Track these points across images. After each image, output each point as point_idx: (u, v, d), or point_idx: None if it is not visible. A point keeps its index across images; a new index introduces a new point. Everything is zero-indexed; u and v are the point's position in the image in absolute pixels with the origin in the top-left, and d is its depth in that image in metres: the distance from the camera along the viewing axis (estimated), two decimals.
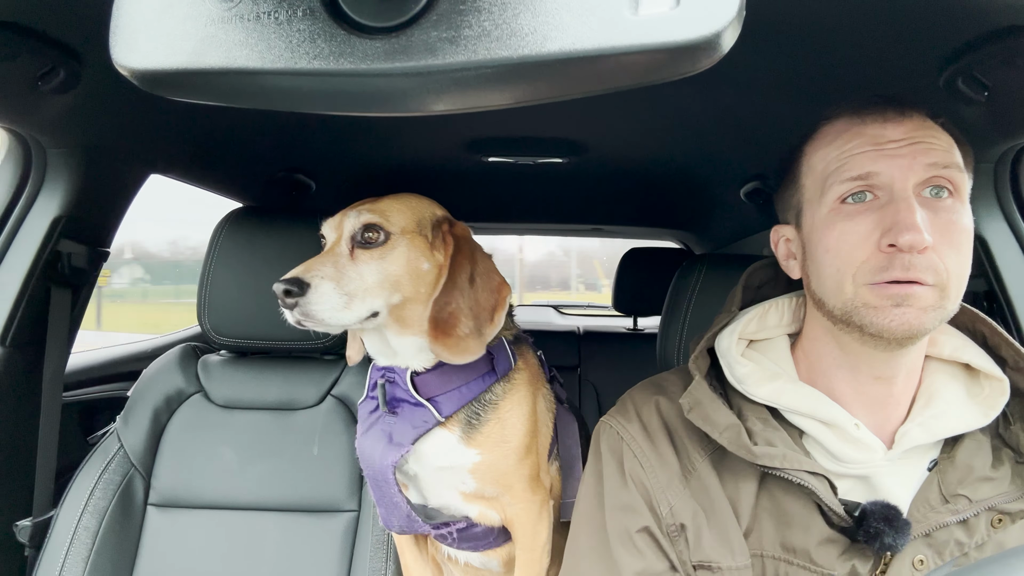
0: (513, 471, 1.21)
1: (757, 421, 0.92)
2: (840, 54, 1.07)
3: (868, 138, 0.85)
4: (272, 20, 0.43)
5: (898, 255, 0.80)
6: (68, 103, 1.22)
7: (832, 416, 0.88)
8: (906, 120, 0.85)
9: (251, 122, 1.61)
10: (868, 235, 0.83)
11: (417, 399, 1.18)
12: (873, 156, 0.84)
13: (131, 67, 0.45)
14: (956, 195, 0.83)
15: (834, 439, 0.88)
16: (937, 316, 0.81)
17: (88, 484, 1.50)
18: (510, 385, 1.23)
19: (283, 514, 1.54)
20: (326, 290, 1.04)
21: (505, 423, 1.20)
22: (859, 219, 0.84)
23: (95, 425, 2.04)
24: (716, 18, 0.40)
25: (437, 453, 1.19)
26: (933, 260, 0.79)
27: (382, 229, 1.11)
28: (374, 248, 1.11)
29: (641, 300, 3.10)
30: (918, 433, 0.87)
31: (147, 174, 1.70)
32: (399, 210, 1.15)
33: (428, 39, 0.42)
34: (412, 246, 1.13)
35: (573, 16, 0.40)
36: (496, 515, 1.27)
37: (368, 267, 1.10)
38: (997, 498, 0.85)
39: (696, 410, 0.92)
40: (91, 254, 1.58)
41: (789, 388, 0.92)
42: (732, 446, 0.88)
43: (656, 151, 1.91)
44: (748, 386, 0.94)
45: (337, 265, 1.08)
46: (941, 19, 0.90)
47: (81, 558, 1.43)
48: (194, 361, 1.67)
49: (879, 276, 0.81)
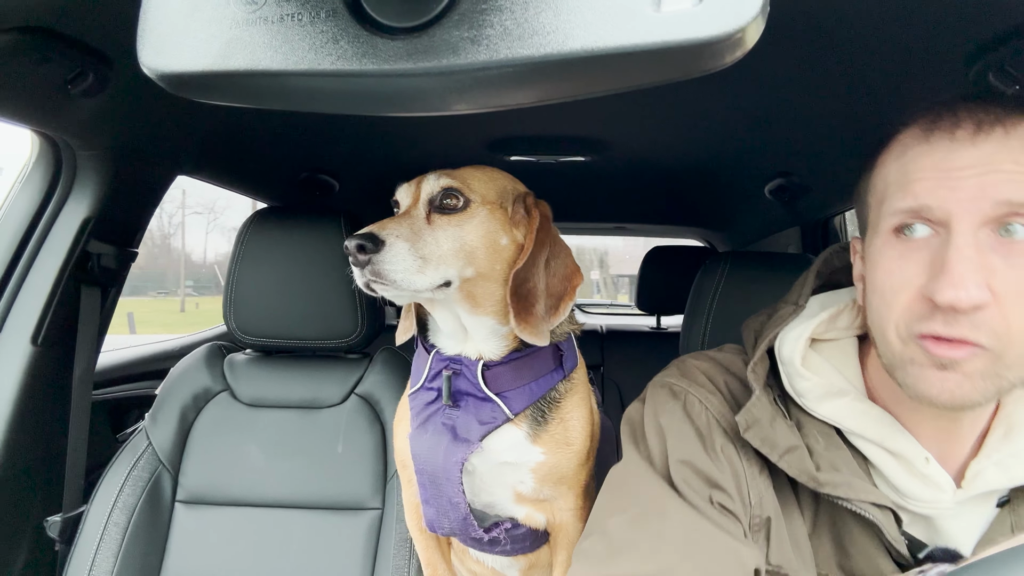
0: (573, 475, 1.17)
1: (820, 438, 0.82)
2: (865, 48, 1.05)
3: (932, 161, 0.71)
4: (295, 22, 0.44)
5: (942, 309, 0.68)
6: (97, 106, 1.24)
7: (901, 447, 0.78)
8: (981, 141, 0.69)
9: (276, 123, 1.63)
10: (915, 277, 0.71)
11: (486, 393, 1.12)
12: (932, 185, 0.70)
13: (158, 70, 0.46)
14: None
15: (900, 472, 0.78)
16: (992, 386, 0.68)
17: (117, 481, 1.52)
18: (571, 384, 1.18)
19: (308, 512, 1.55)
20: (401, 250, 0.98)
21: (567, 424, 1.16)
22: (911, 257, 0.72)
23: (124, 423, 2.08)
24: (740, 14, 0.39)
25: (504, 449, 1.13)
26: (990, 318, 0.66)
27: (462, 195, 1.06)
28: (452, 214, 1.05)
29: (664, 299, 3.08)
30: (994, 475, 0.76)
31: (174, 175, 1.72)
32: (480, 179, 1.10)
33: (450, 39, 0.42)
34: (491, 217, 1.08)
35: (595, 14, 0.40)
36: (543, 518, 1.22)
37: (445, 232, 1.04)
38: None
39: (754, 429, 0.82)
40: (120, 254, 1.61)
41: (856, 408, 0.82)
42: (793, 471, 0.79)
43: (679, 148, 1.90)
44: (809, 401, 0.84)
45: (413, 227, 1.02)
46: (971, 11, 0.88)
47: (111, 553, 1.46)
48: (220, 360, 1.69)
49: (919, 327, 0.70)
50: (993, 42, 0.95)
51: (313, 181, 2.20)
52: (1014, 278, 0.66)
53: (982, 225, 0.68)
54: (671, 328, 3.33)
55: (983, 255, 0.67)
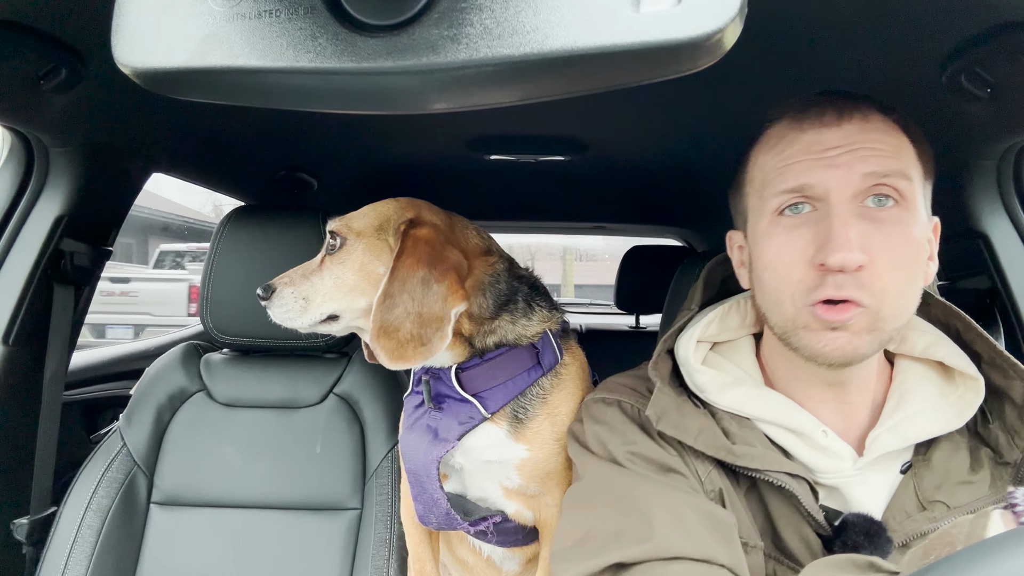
0: (561, 472, 1.18)
1: (731, 421, 0.88)
2: (842, 51, 1.07)
3: (805, 145, 0.81)
4: (274, 18, 0.43)
5: (830, 274, 0.77)
6: (70, 102, 1.22)
7: (799, 423, 0.85)
8: (845, 123, 0.80)
9: (254, 120, 1.62)
10: (803, 251, 0.79)
11: (462, 395, 1.16)
12: (808, 166, 0.80)
13: (133, 66, 0.45)
14: (902, 203, 0.78)
15: (803, 447, 0.85)
16: (875, 339, 0.78)
17: (91, 482, 1.50)
18: (558, 379, 1.20)
19: (286, 512, 1.54)
20: (285, 295, 1.14)
21: (555, 419, 1.17)
22: (796, 233, 0.81)
23: (98, 423, 2.04)
24: (717, 16, 0.40)
25: (484, 447, 1.17)
26: (868, 278, 0.76)
27: (339, 235, 1.16)
28: (334, 253, 1.16)
29: (643, 298, 3.09)
30: (888, 438, 0.83)
31: (150, 172, 1.70)
32: (363, 215, 1.18)
33: (430, 37, 0.42)
34: (367, 250, 1.14)
35: (575, 14, 0.40)
36: (530, 514, 1.24)
37: (328, 271, 1.15)
38: (976, 503, 0.80)
39: (664, 419, 0.87)
40: (94, 252, 1.58)
41: (753, 394, 0.89)
42: (710, 449, 0.84)
43: (658, 149, 1.91)
44: (710, 394, 0.90)
45: (305, 272, 1.16)
46: (944, 15, 0.90)
47: (84, 556, 1.43)
48: (197, 359, 1.67)
49: (812, 296, 0.78)
50: (966, 45, 0.97)
51: (291, 179, 2.18)
52: (883, 241, 0.76)
53: (855, 196, 0.78)
54: (650, 327, 3.35)
55: (858, 222, 0.76)
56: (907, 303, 0.79)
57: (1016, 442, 0.82)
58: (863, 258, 0.74)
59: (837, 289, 0.76)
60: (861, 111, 0.80)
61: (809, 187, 0.79)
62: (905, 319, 0.80)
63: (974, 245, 1.41)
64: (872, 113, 0.81)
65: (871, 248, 0.75)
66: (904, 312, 0.79)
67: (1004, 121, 1.19)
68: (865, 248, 0.75)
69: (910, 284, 0.79)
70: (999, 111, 1.14)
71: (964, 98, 1.09)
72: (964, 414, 0.84)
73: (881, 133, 0.79)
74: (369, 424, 1.57)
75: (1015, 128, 1.21)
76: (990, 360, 0.86)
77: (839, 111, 0.80)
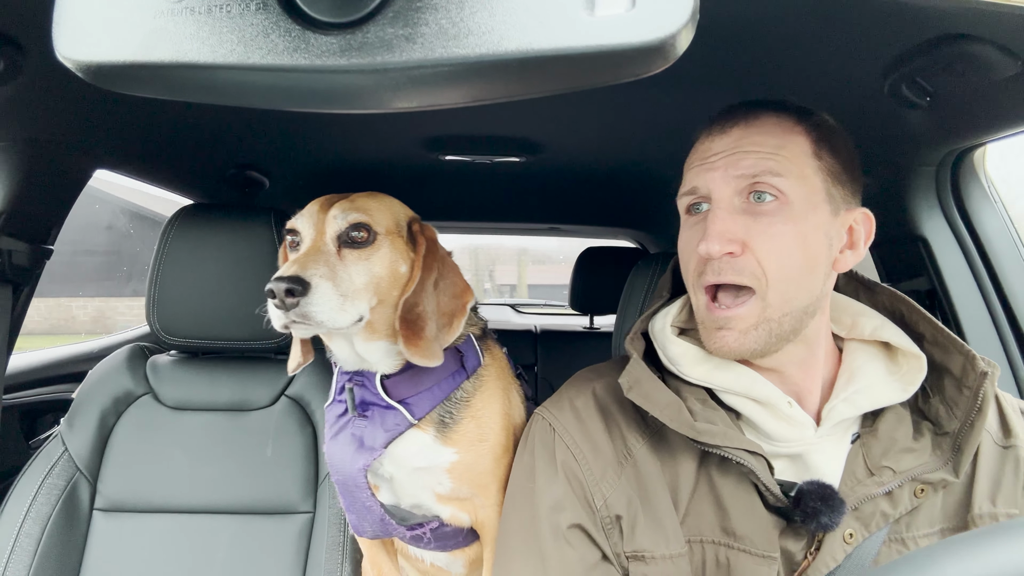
0: (490, 471, 1.19)
1: (696, 402, 0.93)
2: (788, 57, 1.09)
3: (700, 152, 0.93)
4: (224, 13, 0.42)
5: (709, 261, 0.88)
6: (8, 94, 1.18)
7: (766, 394, 0.90)
8: (729, 130, 0.90)
9: (203, 117, 1.58)
10: (696, 242, 0.89)
11: (388, 402, 1.15)
12: (698, 171, 0.91)
13: (76, 59, 0.44)
14: (781, 198, 0.85)
15: (768, 417, 0.90)
16: (763, 334, 0.88)
17: (30, 490, 1.45)
18: (480, 382, 1.21)
19: (236, 517, 1.51)
20: (326, 291, 0.98)
21: (480, 421, 1.18)
22: (694, 229, 0.92)
23: (37, 428, 1.98)
24: (670, 21, 0.40)
25: (412, 454, 1.16)
26: (748, 263, 0.86)
27: (370, 228, 1.07)
28: (362, 248, 1.06)
29: (597, 299, 3.13)
30: (844, 408, 0.91)
31: (93, 169, 1.65)
32: (380, 209, 1.11)
33: (384, 36, 0.41)
34: (394, 247, 1.10)
35: (530, 16, 0.40)
36: (467, 517, 1.25)
37: (357, 268, 1.05)
38: (919, 468, 0.87)
39: (636, 388, 0.93)
40: (33, 251, 1.53)
41: (722, 366, 0.94)
42: (673, 423, 0.88)
43: (612, 151, 1.93)
44: (682, 367, 0.95)
45: (329, 264, 1.02)
46: (885, 26, 0.93)
47: (23, 565, 1.39)
48: (143, 362, 1.63)
49: (700, 280, 0.90)
50: (906, 55, 1.00)
51: (241, 177, 2.14)
52: (761, 231, 0.85)
53: (735, 195, 0.88)
54: (604, 328, 3.38)
55: (736, 217, 0.87)
56: (796, 287, 0.87)
57: (955, 412, 0.90)
58: (725, 248, 0.85)
59: (716, 275, 0.88)
60: (748, 117, 0.90)
61: (698, 189, 0.91)
62: (798, 304, 0.87)
63: (915, 248, 1.46)
64: (760, 116, 0.90)
65: (750, 237, 0.86)
66: (794, 296, 0.87)
67: (943, 128, 1.23)
68: (743, 238, 0.86)
69: (798, 271, 0.86)
70: (938, 118, 1.18)
71: (905, 105, 1.13)
72: (909, 388, 0.92)
73: (763, 135, 0.88)
74: (322, 426, 1.55)
75: (953, 135, 1.26)
76: (932, 339, 0.94)
77: (728, 119, 0.91)
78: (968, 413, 0.88)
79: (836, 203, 0.89)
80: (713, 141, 0.91)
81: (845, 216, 0.91)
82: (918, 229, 1.45)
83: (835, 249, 0.91)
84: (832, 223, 0.89)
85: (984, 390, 0.87)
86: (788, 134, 0.88)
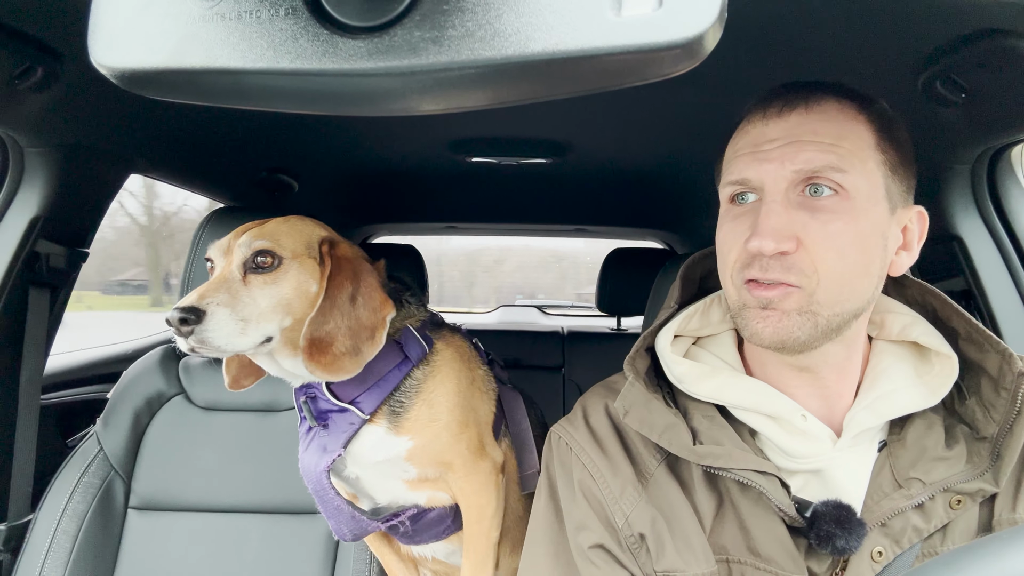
0: (449, 448, 1.23)
1: (703, 419, 0.88)
2: (820, 55, 1.08)
3: (752, 137, 0.85)
4: (254, 19, 0.43)
5: (758, 257, 0.80)
6: (46, 102, 1.21)
7: (776, 408, 0.85)
8: (786, 116, 0.82)
9: (234, 122, 1.60)
10: (741, 235, 0.83)
11: (340, 405, 1.19)
12: (748, 160, 0.83)
13: (110, 66, 0.44)
14: (841, 193, 0.79)
15: (781, 433, 0.85)
16: (807, 322, 0.79)
17: (67, 488, 1.48)
18: (431, 368, 1.25)
19: (266, 516, 1.53)
20: (222, 316, 1.04)
21: (432, 403, 1.22)
22: (740, 220, 0.85)
23: (74, 428, 2.02)
24: (699, 20, 0.40)
25: (369, 448, 1.20)
26: (799, 260, 0.78)
27: (274, 254, 1.12)
28: (267, 272, 1.12)
29: (624, 300, 3.10)
30: (865, 416, 0.84)
31: (127, 174, 1.68)
32: (288, 233, 1.17)
33: (411, 39, 0.41)
34: (302, 269, 1.14)
35: (556, 17, 0.40)
36: (446, 495, 1.29)
37: (261, 292, 1.10)
38: (952, 478, 0.80)
39: (632, 413, 0.90)
40: (70, 255, 1.56)
41: (731, 382, 0.89)
42: (673, 447, 0.85)
43: (639, 151, 1.92)
44: (688, 384, 0.90)
45: (231, 291, 1.08)
46: (919, 21, 0.91)
47: (60, 563, 1.41)
48: (175, 363, 1.65)
49: (744, 273, 0.82)
50: (941, 51, 0.98)
51: (272, 181, 2.17)
52: (818, 229, 0.78)
53: (790, 188, 0.80)
54: (632, 329, 3.36)
55: (791, 212, 0.79)
56: (849, 289, 0.80)
57: (992, 415, 0.82)
58: (780, 247, 0.78)
59: (763, 271, 0.80)
60: (807, 102, 0.82)
61: (749, 180, 0.83)
62: (849, 307, 0.80)
63: (949, 248, 1.43)
64: (822, 101, 0.82)
65: (806, 235, 0.78)
66: (846, 298, 0.80)
67: (978, 126, 1.21)
68: (798, 235, 0.78)
69: (853, 271, 0.79)
70: (973, 116, 1.16)
71: (939, 103, 1.11)
72: (939, 392, 0.84)
73: (824, 123, 0.81)
74: None
75: (988, 133, 1.23)
76: (967, 335, 0.87)
77: (784, 103, 0.83)
78: (1007, 416, 0.80)
79: (894, 200, 0.83)
80: (768, 125, 0.83)
81: (901, 214, 0.84)
82: (953, 228, 1.42)
83: (891, 251, 0.84)
84: (889, 222, 0.82)
85: (1023, 392, 0.79)
86: (850, 122, 0.81)
